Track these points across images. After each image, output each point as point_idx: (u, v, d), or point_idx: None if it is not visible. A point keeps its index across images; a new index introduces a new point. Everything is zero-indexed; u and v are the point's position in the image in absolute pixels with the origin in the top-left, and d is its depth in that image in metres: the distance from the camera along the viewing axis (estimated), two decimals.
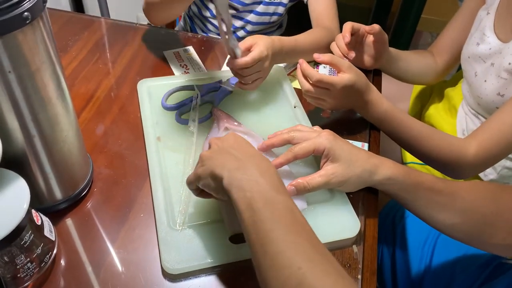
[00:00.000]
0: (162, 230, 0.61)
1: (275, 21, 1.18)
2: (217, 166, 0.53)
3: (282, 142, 0.67)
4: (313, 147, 0.63)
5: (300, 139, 0.65)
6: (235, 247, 0.60)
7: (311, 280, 0.41)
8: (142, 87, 0.85)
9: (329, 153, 0.63)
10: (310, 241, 0.46)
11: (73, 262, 0.60)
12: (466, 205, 0.62)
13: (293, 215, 0.48)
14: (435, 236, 0.86)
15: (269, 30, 1.23)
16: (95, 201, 0.67)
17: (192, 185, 0.59)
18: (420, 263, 0.85)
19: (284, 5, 1.14)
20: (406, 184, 0.62)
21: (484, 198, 0.62)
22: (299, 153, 0.64)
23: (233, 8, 1.15)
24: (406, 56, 1.00)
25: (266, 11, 1.14)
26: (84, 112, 0.81)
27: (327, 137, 0.63)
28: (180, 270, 0.58)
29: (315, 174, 0.63)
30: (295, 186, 0.63)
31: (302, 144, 0.64)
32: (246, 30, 1.18)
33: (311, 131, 0.67)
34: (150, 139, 0.75)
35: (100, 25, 1.05)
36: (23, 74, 0.50)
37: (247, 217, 0.48)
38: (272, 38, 0.82)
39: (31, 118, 0.54)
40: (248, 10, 1.14)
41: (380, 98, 0.77)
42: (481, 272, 0.79)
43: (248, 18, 1.15)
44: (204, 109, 0.82)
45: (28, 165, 0.58)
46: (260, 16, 1.14)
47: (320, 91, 0.74)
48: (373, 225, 0.67)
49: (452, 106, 1.06)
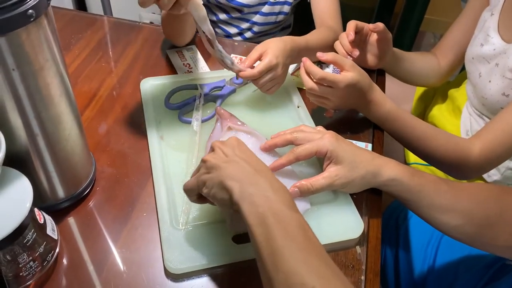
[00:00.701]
0: (164, 229, 0.61)
1: (282, 20, 1.17)
2: (227, 177, 0.52)
3: (284, 143, 0.67)
4: (316, 149, 0.63)
5: (303, 140, 0.65)
6: (238, 247, 0.60)
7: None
8: (145, 86, 0.85)
9: (331, 155, 0.62)
10: (321, 258, 0.46)
11: (76, 261, 0.60)
12: (469, 207, 0.61)
13: (305, 232, 0.48)
14: (438, 237, 0.86)
15: (276, 30, 1.23)
16: (97, 200, 0.67)
17: (192, 192, 0.58)
18: (423, 264, 0.84)
19: (289, 3, 1.14)
20: (410, 185, 0.62)
21: (487, 200, 0.62)
22: (301, 154, 0.64)
23: (238, 10, 1.14)
24: (409, 57, 0.99)
25: (272, 11, 1.14)
26: (87, 111, 0.81)
27: (330, 139, 0.63)
28: (183, 270, 0.57)
29: (319, 176, 0.63)
30: (298, 188, 0.62)
31: (305, 146, 0.64)
32: (253, 31, 1.18)
33: (314, 132, 0.66)
34: (153, 138, 0.74)
35: (103, 24, 1.04)
36: (26, 72, 0.50)
37: (259, 233, 0.47)
38: (284, 40, 0.81)
39: (34, 116, 0.54)
40: (253, 11, 1.14)
41: (383, 98, 0.77)
42: (484, 273, 0.79)
43: (254, 19, 1.15)
44: (207, 108, 0.82)
45: (31, 164, 0.58)
46: (266, 16, 1.14)
47: (323, 89, 0.74)
48: (377, 226, 0.67)
49: (456, 107, 1.06)
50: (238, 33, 1.19)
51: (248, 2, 1.11)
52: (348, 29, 0.85)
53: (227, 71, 0.78)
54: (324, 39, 0.92)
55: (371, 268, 0.61)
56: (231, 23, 1.18)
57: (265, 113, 0.82)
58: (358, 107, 0.79)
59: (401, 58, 0.96)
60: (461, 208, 0.61)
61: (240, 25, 1.18)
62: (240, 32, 1.19)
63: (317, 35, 0.92)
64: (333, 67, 0.78)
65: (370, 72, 0.80)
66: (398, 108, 0.78)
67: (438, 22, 1.82)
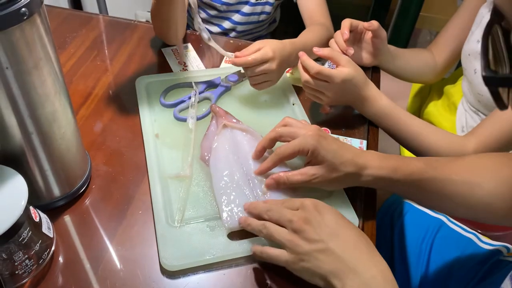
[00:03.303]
0: (160, 227, 0.61)
1: (265, 19, 1.18)
2: (329, 274, 0.52)
3: (270, 143, 0.66)
4: (298, 149, 0.62)
5: (288, 135, 0.65)
6: (233, 243, 0.60)
7: None
8: (140, 84, 0.85)
9: (312, 154, 0.62)
10: None
11: (71, 259, 0.60)
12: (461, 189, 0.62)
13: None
14: (433, 233, 0.86)
15: (261, 29, 1.23)
16: (93, 198, 0.67)
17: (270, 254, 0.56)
18: (418, 260, 0.85)
19: (270, 4, 1.14)
20: (395, 180, 0.62)
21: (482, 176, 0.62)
22: (284, 154, 0.63)
23: (214, 8, 1.15)
24: (404, 54, 1.00)
25: (253, 11, 1.14)
26: (82, 109, 0.81)
27: (313, 137, 0.62)
28: (178, 267, 0.58)
29: (297, 171, 0.63)
30: (275, 179, 0.63)
31: (287, 145, 0.63)
32: (237, 31, 1.18)
33: (298, 127, 0.65)
34: (148, 136, 0.75)
35: (98, 22, 1.04)
36: (20, 70, 0.50)
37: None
38: (284, 43, 0.81)
39: (28, 114, 0.54)
40: (233, 10, 1.14)
41: (378, 94, 0.77)
42: (478, 269, 0.79)
43: (234, 19, 1.15)
44: (203, 106, 0.82)
45: (26, 162, 0.58)
46: (247, 16, 1.15)
47: (319, 83, 0.74)
48: (371, 223, 0.67)
49: (451, 103, 1.06)
50: (221, 32, 1.20)
51: (227, 0, 1.12)
52: (342, 27, 0.85)
53: (222, 69, 0.78)
54: (320, 37, 0.93)
55: None
56: (211, 22, 1.18)
57: (260, 111, 0.82)
58: (353, 103, 0.79)
59: (396, 55, 0.97)
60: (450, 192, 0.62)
61: (221, 24, 1.18)
62: (224, 32, 1.19)
63: (313, 34, 0.92)
64: (328, 63, 0.79)
65: (365, 69, 0.80)
66: (393, 104, 0.78)
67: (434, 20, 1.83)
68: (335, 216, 0.56)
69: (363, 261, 0.52)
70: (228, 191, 0.64)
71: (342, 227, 0.55)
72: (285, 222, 0.55)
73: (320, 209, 0.56)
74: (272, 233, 0.55)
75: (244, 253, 0.59)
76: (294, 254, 0.54)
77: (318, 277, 0.53)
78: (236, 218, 0.61)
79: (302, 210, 0.56)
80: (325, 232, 0.53)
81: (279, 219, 0.56)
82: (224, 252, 0.59)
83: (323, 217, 0.55)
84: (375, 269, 0.52)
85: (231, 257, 0.59)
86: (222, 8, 1.14)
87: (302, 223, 0.54)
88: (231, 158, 0.69)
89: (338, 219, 0.56)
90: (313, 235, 0.53)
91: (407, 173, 0.62)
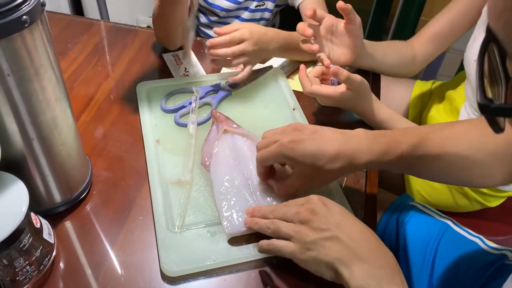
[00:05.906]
0: (161, 232, 0.61)
1: (264, 25, 1.19)
2: (336, 261, 0.51)
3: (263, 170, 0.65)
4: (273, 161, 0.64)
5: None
6: (234, 249, 0.60)
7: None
8: (141, 90, 0.85)
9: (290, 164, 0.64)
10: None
11: (72, 265, 0.60)
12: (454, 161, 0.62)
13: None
14: (438, 237, 0.86)
15: None
16: (94, 204, 0.67)
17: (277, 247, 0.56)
18: (423, 264, 0.84)
19: (270, 10, 1.16)
20: (387, 162, 0.61)
21: (469, 146, 0.63)
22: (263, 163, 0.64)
23: (215, 14, 1.16)
24: (382, 47, 0.95)
25: (253, 17, 1.16)
26: (83, 115, 0.81)
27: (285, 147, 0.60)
28: (179, 273, 0.58)
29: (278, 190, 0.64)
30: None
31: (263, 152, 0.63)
32: None
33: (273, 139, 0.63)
34: (149, 141, 0.75)
35: (99, 28, 1.05)
36: (22, 77, 0.50)
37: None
38: (267, 29, 0.84)
39: (30, 121, 0.54)
40: (233, 16, 1.15)
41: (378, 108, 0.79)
42: (483, 273, 0.79)
43: None
44: (203, 111, 0.82)
45: (27, 168, 0.58)
46: (247, 22, 1.16)
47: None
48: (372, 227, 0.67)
49: (453, 107, 1.06)
50: None
51: (227, 7, 1.13)
52: (300, 29, 0.81)
53: (222, 74, 0.79)
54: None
55: None
56: (212, 27, 1.20)
57: (261, 116, 0.83)
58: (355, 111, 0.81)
59: (374, 48, 0.92)
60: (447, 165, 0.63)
61: None
62: None
63: None
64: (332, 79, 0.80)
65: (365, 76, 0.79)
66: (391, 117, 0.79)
67: None
68: (341, 209, 0.56)
69: (371, 250, 0.52)
70: (229, 196, 0.64)
71: (349, 219, 0.55)
72: (292, 215, 0.55)
73: (326, 202, 0.56)
74: (279, 227, 0.55)
75: (244, 259, 0.59)
76: (300, 244, 0.53)
77: (325, 266, 0.52)
78: (236, 224, 0.61)
79: (308, 203, 0.56)
80: (332, 222, 0.53)
81: (286, 214, 0.56)
82: (225, 257, 0.59)
83: (329, 209, 0.55)
84: (384, 259, 0.52)
85: (231, 263, 0.59)
86: (222, 14, 1.16)
87: (309, 213, 0.54)
88: (232, 163, 0.69)
89: (345, 211, 0.56)
90: (320, 224, 0.53)
91: (398, 154, 0.61)
